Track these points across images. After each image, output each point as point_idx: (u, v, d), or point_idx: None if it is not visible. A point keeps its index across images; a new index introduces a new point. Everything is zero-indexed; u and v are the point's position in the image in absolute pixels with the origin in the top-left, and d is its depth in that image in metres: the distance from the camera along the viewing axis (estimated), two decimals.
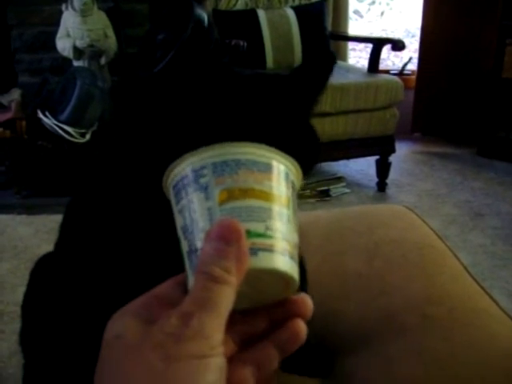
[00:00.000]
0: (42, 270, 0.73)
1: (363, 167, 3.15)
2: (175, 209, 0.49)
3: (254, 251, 0.43)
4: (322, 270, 0.93)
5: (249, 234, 0.44)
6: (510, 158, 3.26)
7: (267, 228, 0.45)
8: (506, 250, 2.28)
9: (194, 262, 0.45)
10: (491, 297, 0.90)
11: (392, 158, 2.91)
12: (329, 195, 2.79)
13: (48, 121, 2.51)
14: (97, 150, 2.33)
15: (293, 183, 0.47)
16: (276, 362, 0.40)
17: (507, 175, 3.10)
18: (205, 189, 0.46)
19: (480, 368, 0.74)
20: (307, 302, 0.43)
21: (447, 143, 3.57)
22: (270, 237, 0.44)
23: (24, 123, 2.57)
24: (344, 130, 2.71)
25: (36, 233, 2.35)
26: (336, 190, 2.84)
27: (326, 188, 2.81)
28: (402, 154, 3.41)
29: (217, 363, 0.35)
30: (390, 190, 2.92)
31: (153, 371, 0.34)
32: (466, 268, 0.99)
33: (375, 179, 2.93)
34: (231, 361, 0.38)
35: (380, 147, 2.85)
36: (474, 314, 0.84)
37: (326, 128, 2.66)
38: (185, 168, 0.48)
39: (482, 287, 0.94)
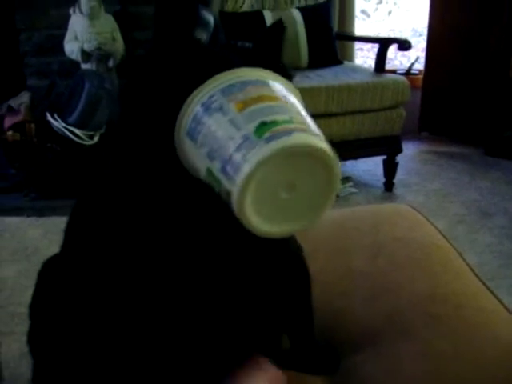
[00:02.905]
0: (50, 271, 0.74)
1: (371, 167, 3.15)
2: (195, 149, 0.53)
3: (289, 132, 0.49)
4: (327, 268, 0.94)
5: (277, 122, 0.50)
6: None
7: (291, 117, 0.51)
8: None
9: (230, 171, 0.50)
10: (496, 296, 0.91)
11: (399, 158, 2.90)
12: (336, 195, 2.79)
13: (57, 123, 2.53)
14: (103, 151, 2.34)
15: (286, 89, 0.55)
16: None
17: None
18: (220, 109, 0.52)
19: (484, 367, 0.75)
20: None
21: (455, 143, 3.56)
22: (297, 122, 0.50)
23: (33, 126, 2.59)
24: (350, 130, 2.71)
25: (45, 234, 2.37)
26: (343, 189, 2.84)
27: None
28: (410, 153, 3.40)
29: None
30: (398, 189, 2.92)
31: None
32: (470, 267, 1.00)
33: (382, 179, 2.93)
34: None
35: (387, 147, 2.85)
36: (478, 313, 0.85)
37: (333, 128, 2.66)
38: (193, 107, 0.53)
39: (486, 286, 0.94)
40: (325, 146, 0.50)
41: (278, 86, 0.55)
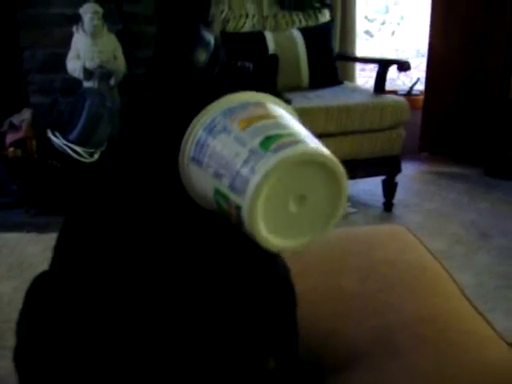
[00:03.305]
0: (38, 288, 0.75)
1: (370, 187, 3.15)
2: (201, 171, 0.54)
3: (295, 142, 0.51)
4: (318, 289, 0.95)
5: (282, 135, 0.51)
6: None
7: (294, 131, 0.52)
8: None
9: (238, 186, 0.50)
10: (485, 318, 0.91)
11: (399, 178, 2.91)
12: None
13: (57, 140, 2.55)
14: (98, 170, 2.36)
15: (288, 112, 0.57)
16: None
17: None
18: (223, 130, 0.54)
19: None
20: None
21: (455, 163, 3.57)
22: (301, 135, 0.52)
23: (34, 142, 2.61)
24: (350, 150, 2.72)
25: (44, 251, 2.36)
26: None
27: None
28: (410, 173, 3.41)
29: None
30: (397, 209, 2.92)
31: None
32: (461, 289, 1.00)
33: (382, 199, 2.93)
34: None
35: (386, 167, 2.86)
36: (466, 336, 0.85)
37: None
38: (196, 133, 0.54)
39: (476, 309, 0.94)
40: (330, 154, 0.52)
41: (278, 107, 0.57)
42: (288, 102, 0.63)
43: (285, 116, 0.56)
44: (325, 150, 0.52)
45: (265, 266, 0.69)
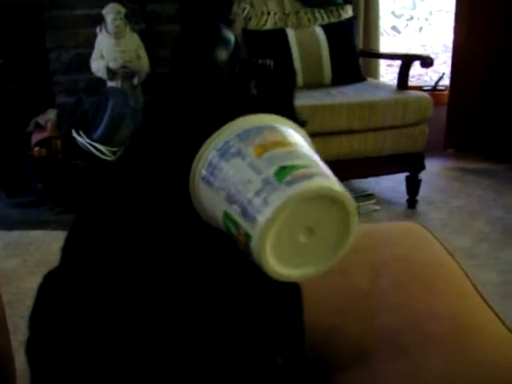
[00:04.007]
0: (49, 283, 0.77)
1: (394, 184, 3.13)
2: (211, 193, 0.54)
3: (310, 176, 0.50)
4: (325, 286, 0.94)
5: (296, 166, 0.51)
6: None
7: (309, 162, 0.52)
8: None
9: (250, 213, 0.50)
10: (498, 316, 0.90)
11: (424, 175, 2.88)
12: (358, 212, 2.77)
13: (81, 140, 2.59)
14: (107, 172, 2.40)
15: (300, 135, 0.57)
16: None
17: None
18: (238, 154, 0.53)
19: None
20: None
21: (480, 159, 3.52)
22: (315, 167, 0.52)
23: (59, 142, 2.66)
24: (373, 147, 2.70)
25: None
26: (366, 207, 2.82)
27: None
28: (435, 170, 3.37)
29: None
30: (421, 206, 2.89)
31: None
32: (475, 287, 0.99)
33: (406, 196, 2.91)
34: None
35: (410, 164, 2.83)
36: (478, 335, 0.84)
37: (355, 145, 2.66)
38: (208, 153, 0.54)
39: (490, 307, 0.93)
40: (344, 190, 0.52)
41: (292, 132, 0.57)
42: (303, 124, 0.63)
43: (300, 143, 0.55)
44: (338, 186, 0.51)
45: None
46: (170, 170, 0.64)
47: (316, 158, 0.55)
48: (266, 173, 0.51)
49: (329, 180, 0.52)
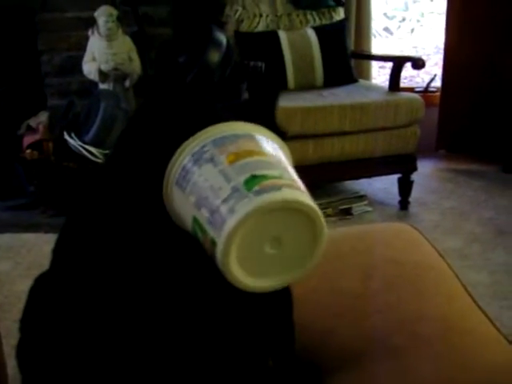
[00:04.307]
0: (40, 286, 0.77)
1: (386, 185, 3.14)
2: (183, 197, 0.54)
3: (278, 187, 0.50)
4: (319, 288, 0.95)
5: (267, 176, 0.51)
6: None
7: (280, 173, 0.52)
8: None
9: (217, 221, 0.50)
10: (488, 317, 0.90)
11: (416, 176, 2.89)
12: (351, 214, 2.79)
13: (73, 142, 2.59)
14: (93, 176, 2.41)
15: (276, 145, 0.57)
16: None
17: None
18: (211, 160, 0.53)
19: None
20: None
21: (472, 160, 3.53)
22: (286, 178, 0.52)
23: (51, 144, 2.65)
24: (364, 148, 2.71)
25: None
26: (358, 208, 2.83)
27: (347, 206, 2.81)
28: (427, 171, 3.38)
29: None
30: (413, 208, 2.90)
31: None
32: (466, 288, 0.99)
33: (398, 197, 2.92)
34: None
35: (401, 165, 2.84)
36: (467, 336, 0.84)
37: (347, 146, 2.67)
38: (184, 157, 0.54)
39: (481, 309, 0.93)
40: (312, 202, 0.51)
41: (269, 142, 0.56)
42: (283, 134, 0.62)
43: (275, 154, 0.55)
44: (306, 198, 0.51)
45: None
46: (147, 174, 0.64)
47: (289, 169, 0.54)
48: (236, 181, 0.51)
49: (297, 192, 0.51)
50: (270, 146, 0.56)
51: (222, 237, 0.50)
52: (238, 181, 0.51)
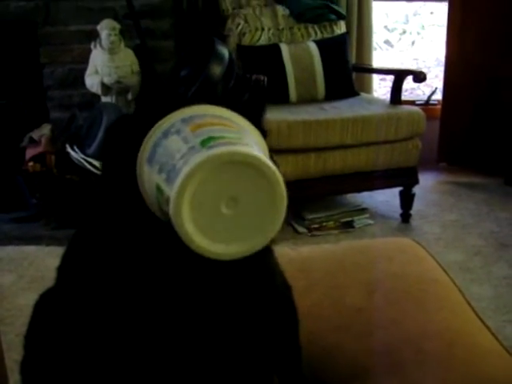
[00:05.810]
0: (45, 303, 0.77)
1: (388, 198, 3.14)
2: (150, 170, 0.54)
3: (234, 143, 0.50)
4: (323, 303, 0.95)
5: (225, 137, 0.51)
6: None
7: (240, 136, 0.52)
8: None
9: (171, 178, 0.50)
10: (491, 331, 0.90)
11: (417, 189, 2.89)
12: (352, 226, 2.79)
13: (76, 155, 2.59)
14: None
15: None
16: None
17: None
18: (176, 132, 0.54)
19: None
20: None
21: (474, 173, 3.54)
22: (244, 141, 0.52)
23: (53, 157, 2.66)
24: (366, 161, 2.71)
25: None
26: (360, 221, 2.83)
27: (349, 219, 2.81)
28: (428, 184, 3.39)
29: None
30: (415, 221, 2.90)
31: None
32: (469, 303, 0.99)
33: (399, 210, 2.91)
34: None
35: (403, 179, 2.84)
36: (472, 351, 0.84)
37: (348, 160, 2.67)
38: (155, 138, 0.55)
39: (484, 323, 0.93)
40: (268, 161, 0.50)
41: (240, 125, 0.57)
42: (264, 132, 0.62)
43: (240, 130, 0.55)
44: (260, 154, 0.50)
45: (263, 285, 0.69)
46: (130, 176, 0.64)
47: (252, 140, 0.54)
48: (194, 142, 0.51)
49: (251, 148, 0.50)
50: (238, 124, 0.56)
51: (174, 190, 0.49)
52: (196, 142, 0.51)
